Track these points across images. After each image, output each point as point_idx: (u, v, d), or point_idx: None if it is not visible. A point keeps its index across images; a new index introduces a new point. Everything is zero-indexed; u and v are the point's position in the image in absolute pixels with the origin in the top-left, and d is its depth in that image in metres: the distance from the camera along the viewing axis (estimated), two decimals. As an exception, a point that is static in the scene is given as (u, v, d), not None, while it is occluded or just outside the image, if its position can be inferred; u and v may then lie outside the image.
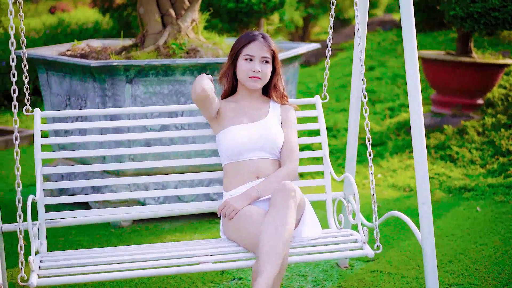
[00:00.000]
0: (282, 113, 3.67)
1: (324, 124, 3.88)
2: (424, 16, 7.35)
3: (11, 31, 3.08)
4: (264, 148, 3.53)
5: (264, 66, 3.55)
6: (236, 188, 3.52)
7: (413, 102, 3.36)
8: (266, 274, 2.99)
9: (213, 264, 3.20)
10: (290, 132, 3.62)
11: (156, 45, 5.33)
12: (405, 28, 3.37)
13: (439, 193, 5.63)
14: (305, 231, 3.39)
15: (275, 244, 3.06)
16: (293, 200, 3.19)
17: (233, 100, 3.67)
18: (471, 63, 7.00)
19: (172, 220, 5.19)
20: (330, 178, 3.83)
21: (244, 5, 8.07)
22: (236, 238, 3.38)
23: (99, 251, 3.41)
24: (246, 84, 3.58)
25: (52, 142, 3.71)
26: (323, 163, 3.85)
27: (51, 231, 4.93)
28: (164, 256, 3.23)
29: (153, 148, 3.77)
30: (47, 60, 5.23)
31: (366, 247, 3.39)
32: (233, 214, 3.37)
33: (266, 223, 3.14)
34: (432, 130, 6.96)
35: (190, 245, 3.44)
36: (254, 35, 3.57)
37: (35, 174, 3.52)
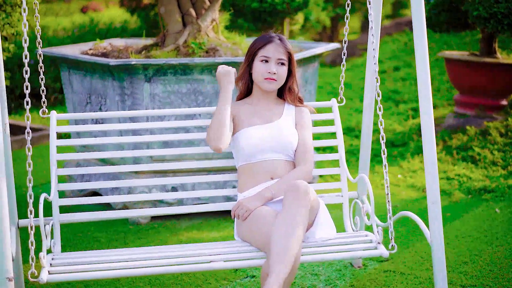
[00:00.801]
0: (297, 115, 3.67)
1: (341, 127, 3.89)
2: (448, 16, 7.28)
3: (24, 28, 3.13)
4: (278, 149, 3.54)
5: (280, 68, 3.55)
6: (250, 189, 3.54)
7: (424, 101, 3.35)
8: (277, 274, 2.99)
9: (224, 262, 3.23)
10: (305, 133, 3.62)
11: (176, 44, 5.38)
12: (416, 28, 3.35)
13: (458, 194, 5.60)
14: (319, 232, 3.39)
15: (286, 244, 3.06)
16: (306, 200, 3.18)
17: (248, 102, 3.68)
18: (495, 64, 6.95)
19: (189, 218, 5.23)
20: (346, 180, 3.82)
21: (268, 5, 8.10)
22: (249, 238, 3.40)
23: (112, 251, 3.45)
24: (261, 85, 3.59)
25: (68, 143, 3.77)
26: (340, 166, 3.84)
27: (70, 227, 5.01)
28: (176, 255, 3.27)
29: (171, 150, 3.81)
30: (68, 59, 5.31)
31: (380, 247, 3.38)
32: (246, 215, 3.39)
33: (277, 223, 3.14)
34: (455, 131, 6.92)
35: (203, 246, 3.48)
36: (270, 36, 3.58)
37: (50, 174, 3.59)
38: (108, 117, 3.83)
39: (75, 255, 3.37)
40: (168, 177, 4.91)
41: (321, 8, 11.96)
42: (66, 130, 3.77)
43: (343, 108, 8.64)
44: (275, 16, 8.34)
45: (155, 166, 3.79)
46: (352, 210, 3.83)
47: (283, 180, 3.48)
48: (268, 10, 8.17)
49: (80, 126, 3.80)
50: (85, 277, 3.13)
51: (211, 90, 4.95)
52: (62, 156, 3.72)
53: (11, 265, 2.94)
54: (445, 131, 6.96)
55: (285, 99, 3.69)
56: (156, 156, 4.94)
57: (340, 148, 3.86)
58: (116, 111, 4.87)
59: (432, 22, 7.47)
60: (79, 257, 3.30)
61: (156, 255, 3.25)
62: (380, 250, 3.37)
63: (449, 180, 5.95)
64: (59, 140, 3.70)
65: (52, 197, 3.50)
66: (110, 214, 3.75)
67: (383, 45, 11.89)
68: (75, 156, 3.79)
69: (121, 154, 3.78)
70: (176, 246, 3.51)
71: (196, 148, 3.85)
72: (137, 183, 3.78)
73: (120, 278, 4.11)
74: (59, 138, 7.42)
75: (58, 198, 3.58)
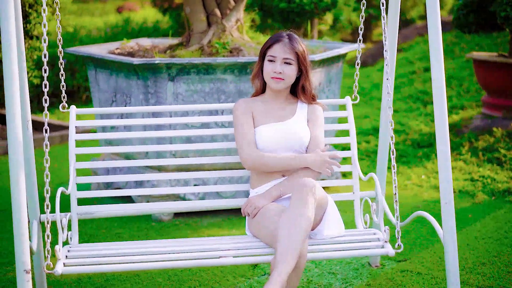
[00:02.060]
0: (309, 112, 3.71)
1: (354, 125, 3.91)
2: (476, 17, 7.24)
3: (44, 28, 3.21)
4: (290, 147, 3.59)
5: (286, 67, 3.58)
6: (262, 186, 3.59)
7: (438, 101, 3.35)
8: (281, 268, 3.05)
9: (233, 258, 3.28)
10: (316, 130, 3.66)
11: (201, 44, 5.45)
12: (431, 28, 3.36)
13: (481, 195, 5.57)
14: (327, 229, 3.44)
15: (291, 239, 3.12)
16: (312, 197, 3.23)
17: (261, 100, 3.73)
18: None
19: (211, 215, 5.29)
20: (358, 178, 3.85)
21: (296, 5, 8.13)
22: (258, 234, 3.46)
23: (125, 244, 3.53)
24: (269, 84, 3.64)
25: (90, 138, 3.86)
26: (351, 163, 3.87)
27: (94, 222, 5.10)
28: (186, 250, 3.33)
29: (194, 145, 3.88)
30: (95, 58, 5.41)
31: (387, 245, 3.40)
32: (254, 212, 3.46)
33: (282, 221, 3.20)
34: (482, 132, 6.88)
35: (214, 240, 3.54)
36: (279, 36, 3.61)
37: (69, 168, 3.67)
38: (129, 111, 3.91)
39: (91, 247, 3.46)
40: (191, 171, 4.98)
41: (352, 8, 11.94)
42: (91, 124, 3.86)
43: (371, 109, 8.64)
44: (303, 16, 8.37)
45: (178, 160, 3.86)
46: (362, 208, 3.86)
47: (292, 178, 3.54)
48: (296, 11, 8.20)
49: (104, 120, 3.88)
50: (99, 270, 3.22)
51: (234, 89, 5.00)
52: (85, 150, 3.80)
53: (28, 257, 3.02)
54: (471, 133, 6.92)
55: (299, 97, 3.73)
56: (179, 153, 5.01)
57: (353, 146, 3.88)
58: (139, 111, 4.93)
59: (460, 22, 7.44)
60: (94, 249, 3.39)
61: (169, 249, 3.32)
62: (387, 248, 3.39)
63: (473, 182, 5.92)
64: (81, 134, 3.79)
65: (70, 189, 3.59)
66: (129, 210, 3.82)
67: (414, 45, 11.85)
68: (96, 150, 3.86)
69: (144, 148, 3.85)
70: (186, 240, 3.58)
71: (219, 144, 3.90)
72: (160, 177, 3.84)
73: (140, 274, 4.19)
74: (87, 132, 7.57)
75: (76, 191, 3.66)
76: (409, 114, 8.09)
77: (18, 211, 3.00)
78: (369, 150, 7.01)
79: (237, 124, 3.63)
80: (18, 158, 3.01)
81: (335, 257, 3.35)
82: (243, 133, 3.58)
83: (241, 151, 3.56)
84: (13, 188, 3.01)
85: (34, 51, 6.91)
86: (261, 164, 3.52)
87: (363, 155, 6.90)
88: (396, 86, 9.27)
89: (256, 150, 3.54)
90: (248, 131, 3.58)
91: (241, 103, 3.68)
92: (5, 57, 3.01)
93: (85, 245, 3.49)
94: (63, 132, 7.74)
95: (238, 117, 3.63)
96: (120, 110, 3.90)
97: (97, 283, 4.08)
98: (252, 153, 3.53)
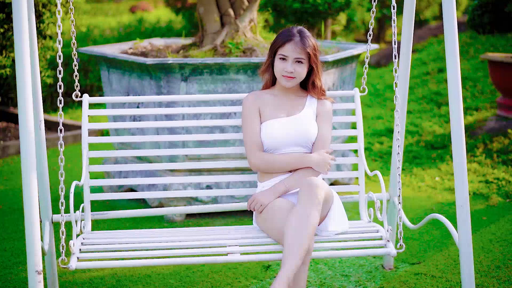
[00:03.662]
0: (318, 107, 3.72)
1: (361, 117, 3.90)
2: (491, 17, 7.19)
3: (58, 30, 3.21)
4: (299, 142, 3.60)
5: (298, 66, 3.58)
6: (269, 180, 3.62)
7: (454, 103, 3.31)
8: (287, 266, 3.08)
9: (240, 255, 3.29)
10: (324, 125, 3.67)
11: (214, 44, 5.43)
12: (447, 30, 3.32)
13: (496, 197, 5.52)
14: (332, 225, 3.47)
15: (297, 238, 3.14)
16: (318, 196, 3.25)
17: (271, 93, 3.73)
18: (538, 66, 6.83)
19: (223, 216, 5.27)
20: (364, 171, 3.85)
21: (310, 6, 8.10)
22: (265, 229, 3.50)
23: (137, 234, 3.58)
24: (280, 81, 3.65)
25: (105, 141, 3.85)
26: (358, 155, 3.87)
27: (107, 222, 5.09)
28: (195, 245, 3.35)
29: (205, 149, 3.88)
30: (107, 58, 5.40)
31: (389, 245, 3.40)
32: (261, 209, 3.49)
33: (290, 217, 3.23)
34: (496, 134, 6.82)
35: (222, 233, 3.57)
36: (290, 35, 3.59)
37: (82, 157, 3.69)
38: (143, 100, 3.94)
39: (105, 236, 3.50)
40: (203, 175, 4.96)
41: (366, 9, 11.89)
42: (104, 127, 3.86)
43: (384, 110, 8.59)
44: (317, 16, 8.33)
45: (190, 164, 3.86)
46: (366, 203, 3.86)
47: (297, 173, 3.56)
48: (309, 11, 8.17)
49: (118, 123, 3.89)
50: (111, 265, 3.24)
51: (247, 90, 4.98)
52: (99, 153, 3.80)
53: (40, 258, 3.00)
54: (486, 134, 6.86)
55: (308, 92, 3.73)
56: (191, 155, 4.99)
57: (360, 138, 3.87)
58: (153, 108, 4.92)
59: (475, 23, 7.39)
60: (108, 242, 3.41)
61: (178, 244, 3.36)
62: (389, 248, 3.38)
63: (488, 184, 5.87)
64: (95, 138, 3.79)
65: (83, 179, 3.62)
66: (142, 212, 3.83)
67: (428, 46, 11.78)
68: (111, 154, 3.86)
69: (157, 152, 3.86)
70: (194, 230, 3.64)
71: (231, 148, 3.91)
72: (173, 180, 3.84)
73: (151, 275, 4.17)
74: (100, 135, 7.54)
75: (89, 179, 3.69)
76: (422, 115, 8.04)
77: (30, 211, 2.99)
78: (382, 151, 6.97)
79: (244, 120, 3.67)
80: (30, 159, 2.99)
81: (337, 256, 3.37)
82: (249, 132, 3.63)
83: (247, 153, 3.63)
84: (25, 188, 3.00)
85: (47, 51, 6.92)
86: (266, 167, 3.59)
87: (377, 156, 6.87)
88: (409, 87, 9.21)
89: (261, 153, 3.60)
90: (253, 130, 3.62)
91: (249, 98, 3.71)
92: (18, 57, 3.00)
93: (97, 234, 3.54)
94: (75, 132, 7.74)
95: (245, 113, 3.68)
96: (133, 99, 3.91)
97: (108, 284, 4.07)
98: (258, 156, 3.59)
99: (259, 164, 3.58)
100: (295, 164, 3.57)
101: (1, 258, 4.46)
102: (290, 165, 3.57)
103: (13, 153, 7.14)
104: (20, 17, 2.98)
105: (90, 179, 3.71)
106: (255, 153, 3.59)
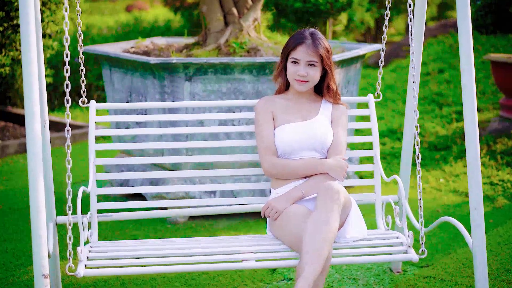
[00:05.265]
0: (333, 112, 3.63)
1: (376, 124, 3.82)
2: (495, 18, 7.15)
3: (65, 27, 3.14)
4: (313, 147, 3.51)
5: (310, 69, 3.50)
6: (283, 186, 3.51)
7: (468, 105, 3.26)
8: (307, 273, 2.98)
9: (255, 262, 3.20)
10: (339, 131, 3.58)
11: (218, 44, 5.36)
12: (461, 29, 3.27)
13: (502, 200, 5.47)
14: (350, 232, 3.37)
15: (317, 244, 3.04)
16: (338, 200, 3.16)
17: (284, 98, 3.65)
18: (542, 67, 6.78)
19: (227, 218, 5.21)
20: (380, 178, 3.77)
21: (311, 5, 8.04)
22: (280, 236, 3.39)
23: (147, 243, 3.47)
24: (293, 85, 3.57)
25: (107, 134, 3.78)
26: (374, 163, 3.79)
27: (109, 224, 5.02)
28: (208, 252, 3.25)
29: (210, 142, 3.80)
30: (110, 57, 5.33)
31: (411, 251, 3.32)
32: (276, 216, 3.38)
33: (309, 223, 3.12)
34: (500, 135, 6.77)
35: (235, 241, 3.46)
36: (302, 37, 3.51)
37: (89, 165, 3.60)
38: (146, 107, 3.86)
39: (111, 246, 3.40)
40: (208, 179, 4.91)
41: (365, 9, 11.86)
42: (107, 134, 3.78)
43: (385, 110, 8.54)
44: (318, 16, 8.28)
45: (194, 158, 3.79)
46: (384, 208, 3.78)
47: (313, 179, 3.46)
48: (311, 10, 8.12)
49: (121, 130, 3.82)
50: (121, 272, 3.15)
51: (252, 90, 4.92)
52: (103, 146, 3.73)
53: (47, 262, 2.94)
54: (489, 136, 6.81)
55: (324, 96, 3.65)
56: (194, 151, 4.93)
57: (375, 145, 3.80)
58: (155, 107, 4.86)
59: (478, 23, 7.35)
60: (116, 250, 3.32)
61: (190, 251, 3.25)
62: (410, 254, 3.31)
63: (493, 186, 5.81)
64: (99, 144, 3.71)
65: (90, 187, 3.52)
66: (149, 214, 3.76)
67: (428, 47, 11.72)
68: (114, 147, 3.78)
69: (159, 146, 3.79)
70: (206, 239, 3.53)
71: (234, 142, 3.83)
72: (175, 175, 3.77)
73: (156, 278, 4.11)
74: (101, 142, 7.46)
75: (96, 188, 3.60)
76: (424, 116, 7.98)
77: (36, 213, 2.92)
78: (385, 152, 6.91)
79: (257, 125, 3.58)
80: (37, 160, 2.93)
81: (357, 262, 3.28)
82: (262, 137, 3.53)
83: (260, 158, 3.53)
84: (31, 190, 2.93)
85: (46, 50, 6.84)
86: (280, 172, 3.48)
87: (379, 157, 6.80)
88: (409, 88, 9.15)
89: (275, 158, 3.50)
90: (267, 135, 3.53)
91: (262, 103, 3.62)
92: (24, 57, 2.93)
93: (105, 243, 3.44)
94: (74, 131, 7.66)
95: (258, 118, 3.59)
96: (136, 106, 3.82)
97: (113, 287, 4.00)
98: (271, 161, 3.49)
99: (272, 170, 3.48)
100: (310, 169, 3.46)
101: (2, 260, 4.38)
102: (305, 170, 3.47)
103: (12, 152, 7.06)
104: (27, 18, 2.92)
105: (96, 184, 3.63)
106: (269, 158, 3.49)
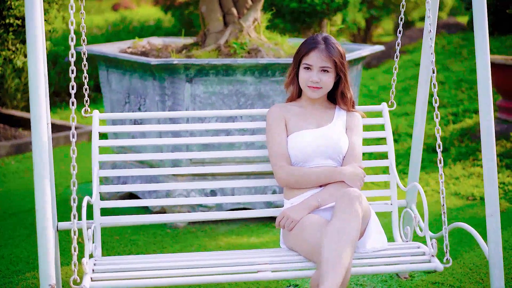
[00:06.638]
0: (348, 120, 3.52)
1: (391, 133, 3.74)
2: (493, 19, 7.11)
3: (71, 26, 3.03)
4: (328, 155, 3.40)
5: (323, 75, 3.39)
6: (297, 196, 3.39)
7: (484, 107, 3.20)
8: (328, 283, 2.86)
9: (271, 273, 3.10)
10: (355, 138, 3.47)
11: (217, 44, 5.27)
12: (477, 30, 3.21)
13: (504, 203, 5.41)
14: (370, 242, 3.26)
15: (338, 252, 2.93)
16: (359, 207, 3.06)
17: (297, 105, 3.54)
18: (541, 69, 6.75)
19: (228, 223, 5.11)
20: (396, 188, 3.68)
21: (307, 5, 7.96)
22: (296, 247, 3.28)
23: (155, 257, 3.35)
24: (305, 92, 3.46)
25: (110, 144, 3.68)
26: (389, 173, 3.69)
27: (107, 229, 4.91)
28: (223, 263, 3.15)
29: (210, 153, 3.70)
30: (107, 57, 5.22)
31: (434, 260, 3.24)
32: (292, 226, 3.27)
33: (329, 230, 3.01)
34: (498, 138, 6.72)
35: (248, 253, 3.36)
36: (315, 42, 3.40)
37: (92, 176, 3.48)
38: (149, 117, 3.74)
39: (118, 260, 3.27)
40: (207, 180, 4.81)
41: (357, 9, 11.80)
42: (104, 130, 3.66)
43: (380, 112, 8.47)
44: (314, 17, 8.20)
45: (194, 169, 3.67)
46: (402, 220, 3.69)
47: (330, 187, 3.34)
48: (307, 11, 8.04)
49: (119, 126, 3.71)
50: (129, 284, 3.03)
51: (254, 92, 4.82)
52: (100, 157, 3.61)
53: (53, 271, 2.83)
54: (488, 138, 6.76)
55: (338, 104, 3.55)
56: (195, 159, 4.82)
57: (390, 154, 3.71)
58: (156, 111, 4.76)
59: (475, 25, 7.30)
60: (122, 262, 3.19)
61: (203, 263, 3.14)
62: (435, 263, 3.23)
63: (495, 189, 5.76)
64: (100, 141, 3.59)
65: (93, 199, 3.37)
66: (151, 219, 3.65)
67: (419, 47, 11.69)
68: (114, 158, 3.70)
69: (160, 156, 3.67)
70: (221, 252, 3.41)
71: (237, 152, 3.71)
72: (176, 186, 3.66)
73: None
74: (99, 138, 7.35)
75: (99, 201, 3.47)
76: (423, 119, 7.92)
77: (43, 220, 2.84)
78: (382, 155, 6.85)
79: (269, 132, 3.46)
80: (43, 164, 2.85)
81: (381, 271, 3.19)
82: (275, 144, 3.41)
83: (273, 167, 3.40)
84: (37, 196, 2.86)
85: (41, 49, 6.70)
86: (295, 181, 3.35)
87: (377, 159, 6.73)
88: (404, 88, 9.11)
89: (289, 166, 3.37)
90: (280, 142, 3.41)
91: (274, 110, 3.50)
92: (30, 57, 2.84)
93: (111, 258, 3.30)
94: (67, 132, 7.53)
95: (270, 125, 3.46)
96: (139, 116, 3.70)
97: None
98: (285, 169, 3.36)
99: (286, 178, 3.34)
100: (326, 177, 3.34)
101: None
102: (321, 178, 3.34)
103: (3, 154, 6.91)
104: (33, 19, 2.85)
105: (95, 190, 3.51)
106: (282, 166, 3.36)
